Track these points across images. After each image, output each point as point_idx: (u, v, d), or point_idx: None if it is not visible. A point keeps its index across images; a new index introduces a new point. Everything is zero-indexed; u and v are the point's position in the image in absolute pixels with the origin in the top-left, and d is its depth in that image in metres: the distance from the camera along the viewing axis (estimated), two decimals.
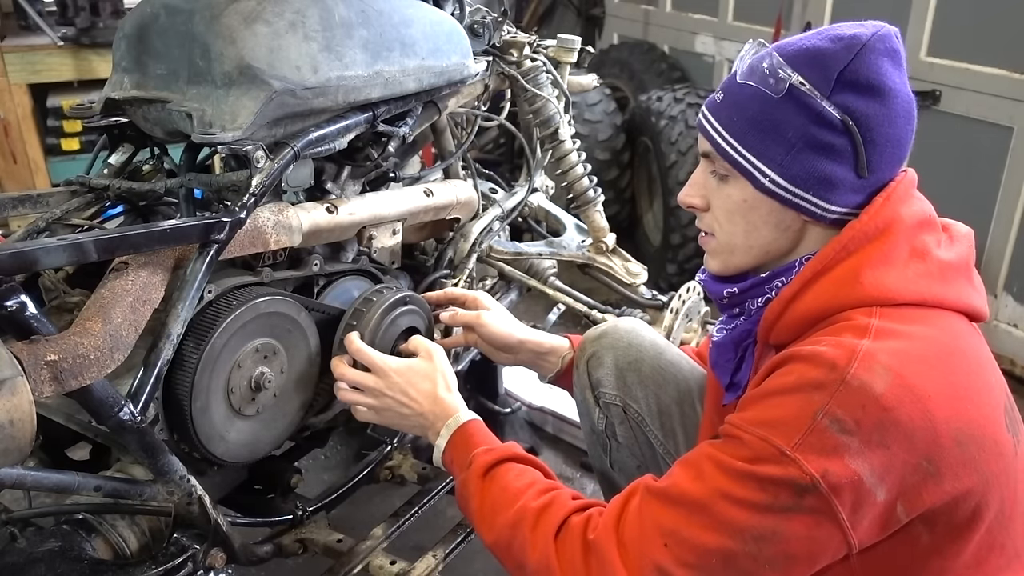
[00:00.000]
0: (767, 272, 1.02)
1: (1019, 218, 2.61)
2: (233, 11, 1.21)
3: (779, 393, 0.89)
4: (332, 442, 2.14)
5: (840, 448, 0.84)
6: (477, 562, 1.89)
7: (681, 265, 3.17)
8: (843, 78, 0.92)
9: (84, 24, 3.04)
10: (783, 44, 0.98)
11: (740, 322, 1.08)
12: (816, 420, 0.84)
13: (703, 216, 1.06)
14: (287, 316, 1.30)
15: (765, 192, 0.96)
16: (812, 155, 0.94)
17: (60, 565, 1.06)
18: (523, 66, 1.81)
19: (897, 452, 0.84)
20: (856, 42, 0.93)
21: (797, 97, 0.93)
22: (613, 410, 1.32)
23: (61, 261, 1.03)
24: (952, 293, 0.94)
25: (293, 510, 1.44)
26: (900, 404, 0.83)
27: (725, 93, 1.00)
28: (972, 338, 0.95)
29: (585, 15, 4.69)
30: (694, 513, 0.90)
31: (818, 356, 0.87)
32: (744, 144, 0.96)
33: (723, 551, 0.88)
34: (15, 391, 0.89)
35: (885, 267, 0.92)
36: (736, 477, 0.88)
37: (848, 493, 0.84)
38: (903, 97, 0.95)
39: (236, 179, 1.20)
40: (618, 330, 1.33)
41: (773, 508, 0.86)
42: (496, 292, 1.97)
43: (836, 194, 0.95)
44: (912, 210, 0.96)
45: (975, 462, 0.87)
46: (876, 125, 0.93)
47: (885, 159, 0.95)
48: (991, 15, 2.57)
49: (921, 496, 0.86)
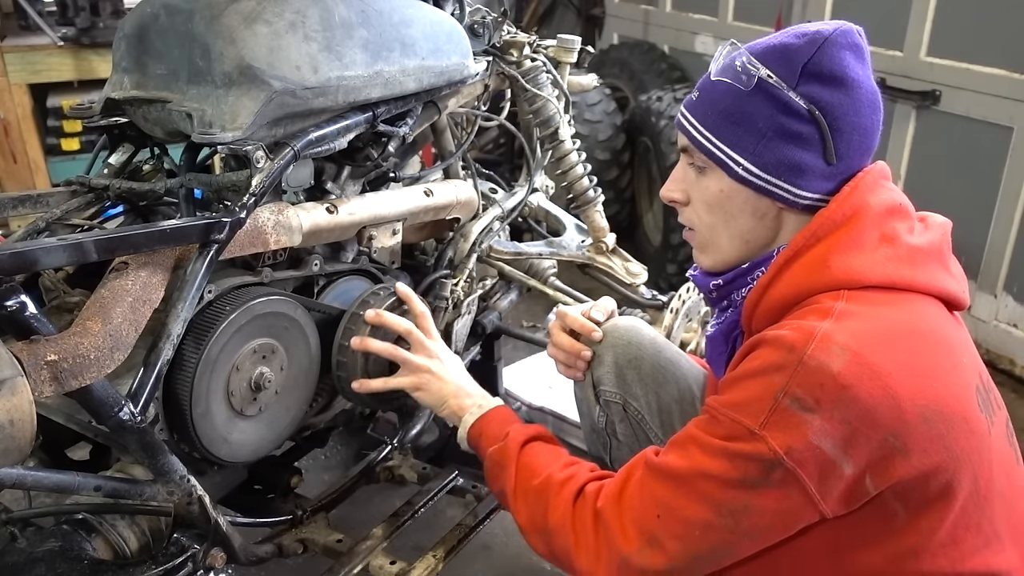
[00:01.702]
0: (749, 263, 1.07)
1: (1019, 218, 2.61)
2: (233, 11, 1.21)
3: (747, 376, 0.94)
4: (332, 442, 2.14)
5: (802, 425, 0.88)
6: (477, 562, 1.89)
7: (681, 265, 3.17)
8: (807, 70, 0.98)
9: (84, 24, 3.04)
10: (754, 43, 1.03)
11: (728, 314, 1.13)
12: (778, 400, 0.89)
13: (684, 211, 1.11)
14: (287, 316, 1.30)
15: (740, 180, 1.01)
16: (782, 143, 0.99)
17: (60, 565, 1.06)
18: (523, 66, 1.81)
19: (859, 427, 0.87)
20: (819, 36, 0.99)
21: (766, 89, 0.99)
22: (613, 408, 1.32)
23: (61, 261, 1.03)
24: (922, 276, 0.97)
25: (293, 510, 1.44)
26: (859, 381, 0.87)
27: (700, 91, 1.06)
28: (940, 319, 0.98)
29: (585, 15, 4.69)
30: (679, 487, 0.97)
31: (779, 339, 0.92)
32: (718, 136, 1.02)
33: (703, 522, 0.95)
34: (15, 391, 0.89)
35: (853, 251, 0.96)
36: (712, 454, 0.94)
37: (813, 467, 0.89)
38: (867, 88, 1.00)
39: (236, 179, 1.20)
40: (618, 328, 1.33)
41: (744, 483, 0.92)
42: (496, 292, 1.98)
43: (806, 180, 1.00)
44: (880, 198, 1.00)
45: (943, 439, 0.90)
46: (841, 114, 0.98)
47: (852, 147, 1.00)
48: (991, 15, 2.57)
49: (889, 470, 0.89)
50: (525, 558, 1.91)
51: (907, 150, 2.89)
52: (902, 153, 2.89)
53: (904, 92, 2.79)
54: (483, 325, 1.88)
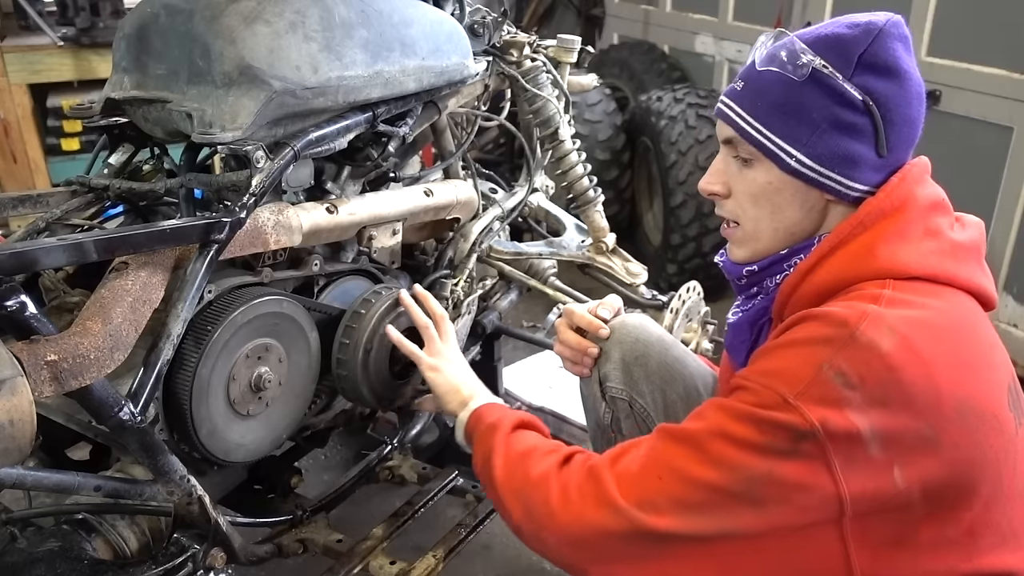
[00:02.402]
0: (787, 250, 1.06)
1: (1019, 218, 2.61)
2: (233, 11, 1.21)
3: (787, 346, 0.92)
4: (332, 442, 2.14)
5: (842, 401, 0.86)
6: (477, 562, 1.89)
7: (681, 265, 3.17)
8: (863, 60, 0.97)
9: (84, 24, 3.04)
10: (800, 33, 1.01)
11: (757, 301, 1.11)
12: (821, 371, 0.87)
13: (724, 203, 1.08)
14: (287, 316, 1.30)
15: (791, 173, 1.00)
16: (836, 135, 0.98)
17: (60, 565, 1.06)
18: (523, 66, 1.81)
19: (898, 413, 0.86)
20: (873, 27, 0.98)
21: (820, 80, 0.97)
22: (619, 405, 1.32)
23: (61, 261, 1.03)
24: (964, 272, 0.97)
25: (293, 510, 1.44)
26: (905, 365, 0.86)
27: (745, 81, 1.04)
28: (980, 317, 0.98)
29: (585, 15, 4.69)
30: (693, 449, 0.93)
31: (829, 315, 0.90)
32: (769, 127, 1.00)
33: (715, 487, 0.91)
34: (15, 391, 0.89)
35: (899, 242, 0.96)
36: (736, 417, 0.91)
37: (844, 444, 0.86)
38: (915, 80, 1.00)
39: (236, 179, 1.20)
40: (625, 325, 1.33)
41: (769, 450, 0.88)
42: (496, 292, 1.98)
43: (858, 172, 0.99)
44: (926, 192, 1.00)
45: (975, 434, 0.89)
46: (894, 105, 0.98)
47: (902, 139, 0.99)
48: (991, 15, 2.57)
49: (918, 461, 0.88)
50: (525, 558, 1.91)
51: None
52: None
53: None
54: (483, 325, 1.88)
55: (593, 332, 1.33)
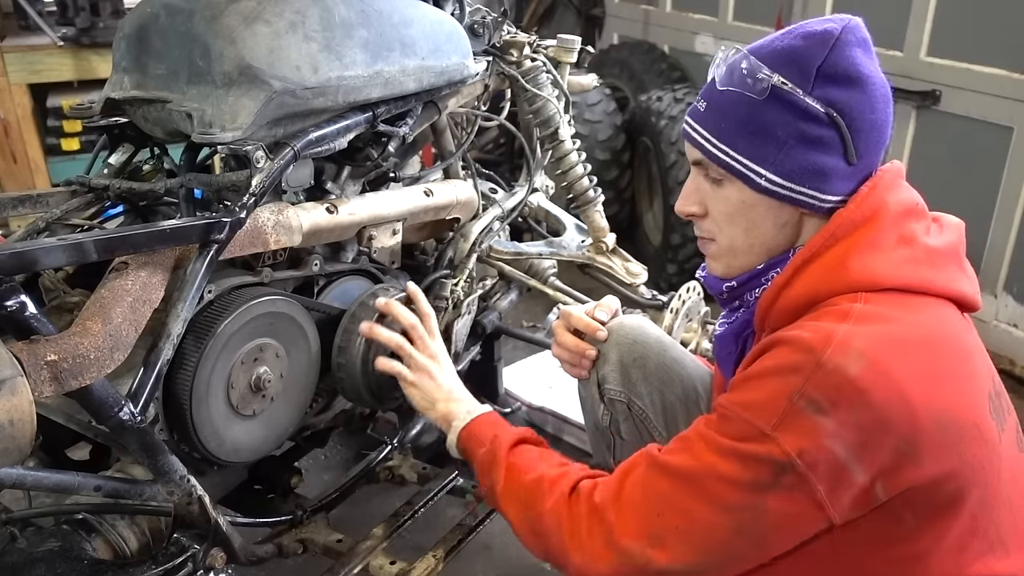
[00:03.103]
0: (764, 264, 1.05)
1: (1019, 218, 2.61)
2: (233, 11, 1.21)
3: (761, 376, 0.93)
4: (332, 442, 2.13)
5: (816, 428, 0.87)
6: (477, 562, 1.89)
7: (681, 265, 3.17)
8: (822, 72, 0.96)
9: (84, 24, 3.04)
10: (756, 47, 1.01)
11: (740, 314, 1.11)
12: (793, 401, 0.88)
13: (701, 223, 1.08)
14: (287, 316, 1.30)
15: (762, 191, 0.99)
16: (803, 150, 0.97)
17: (60, 565, 1.06)
18: (523, 66, 1.81)
19: (873, 433, 0.86)
20: (828, 36, 0.96)
21: (780, 96, 0.96)
22: (618, 406, 1.32)
23: (61, 261, 1.03)
24: (940, 279, 0.96)
25: (293, 510, 1.44)
26: (874, 387, 0.86)
27: (708, 101, 1.03)
28: (957, 324, 0.97)
29: (585, 15, 4.69)
30: (686, 485, 0.95)
31: (797, 340, 0.90)
32: (735, 148, 0.99)
33: (709, 522, 0.94)
34: (15, 391, 0.89)
35: (872, 252, 0.95)
36: (722, 454, 0.93)
37: (825, 470, 0.88)
38: (878, 83, 0.99)
39: (236, 179, 1.20)
40: (623, 327, 1.33)
41: (754, 485, 0.91)
42: (496, 292, 1.98)
43: (829, 184, 0.98)
44: (899, 198, 0.99)
45: (956, 446, 0.90)
46: (858, 113, 0.97)
47: (870, 144, 0.99)
48: (991, 15, 2.57)
49: (900, 477, 0.89)
50: (525, 558, 1.90)
51: (907, 150, 2.89)
52: (902, 153, 2.89)
53: (904, 92, 2.79)
54: (483, 325, 1.88)
55: (591, 334, 1.32)
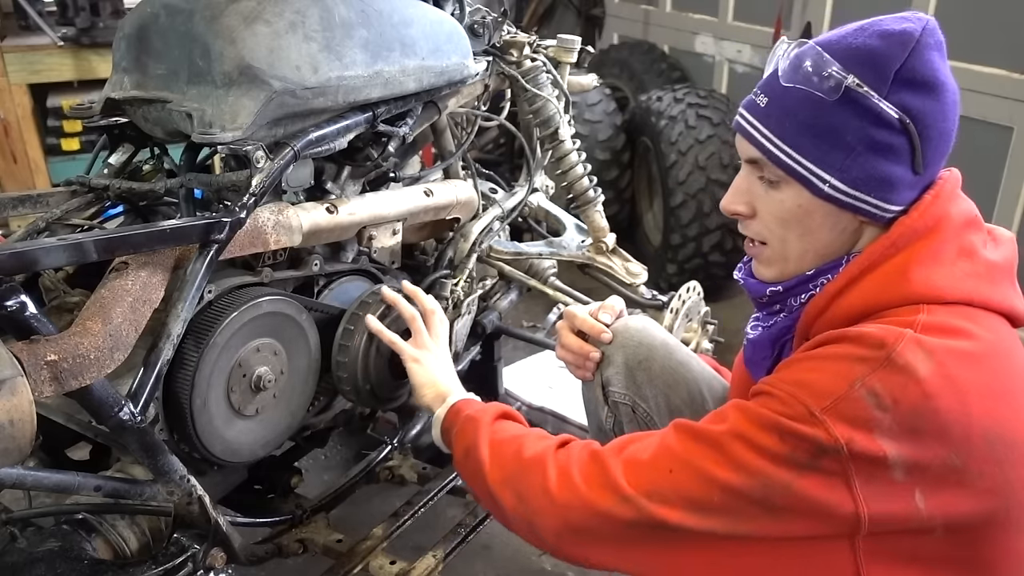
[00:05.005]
0: (814, 270, 1.01)
1: (1019, 218, 2.61)
2: (233, 11, 1.21)
3: (820, 359, 0.89)
4: (332, 442, 2.14)
5: (871, 422, 0.83)
6: (477, 562, 1.89)
7: (681, 265, 3.17)
8: (900, 76, 0.91)
9: (84, 24, 3.04)
10: (826, 41, 0.94)
11: (780, 319, 1.07)
12: (853, 388, 0.84)
13: (749, 224, 1.03)
14: (287, 316, 1.30)
15: (823, 197, 0.94)
16: (871, 157, 0.92)
17: (60, 565, 1.06)
18: (523, 66, 1.81)
19: (928, 441, 0.83)
20: (909, 38, 0.91)
21: (853, 99, 0.91)
22: (622, 409, 1.30)
23: (61, 261, 1.03)
24: (998, 294, 0.93)
25: (293, 510, 1.44)
26: (941, 393, 0.83)
27: (769, 96, 0.97)
28: (1015, 342, 0.93)
29: (585, 15, 4.69)
30: (711, 448, 0.91)
31: (865, 335, 0.87)
32: (800, 150, 0.94)
33: (729, 488, 0.89)
34: (15, 391, 0.89)
35: (933, 264, 0.92)
36: (759, 424, 0.88)
37: (867, 466, 0.84)
38: (952, 89, 0.94)
39: (236, 179, 1.20)
40: (628, 329, 1.31)
41: (790, 461, 0.86)
42: (496, 292, 1.98)
43: (895, 193, 0.94)
44: (960, 208, 0.96)
45: (1002, 464, 0.86)
46: (932, 121, 0.92)
47: (938, 153, 0.95)
48: (991, 15, 2.57)
49: (942, 489, 0.86)
50: (525, 558, 1.91)
51: None
52: None
53: None
54: (483, 325, 1.88)
55: (595, 336, 1.31)
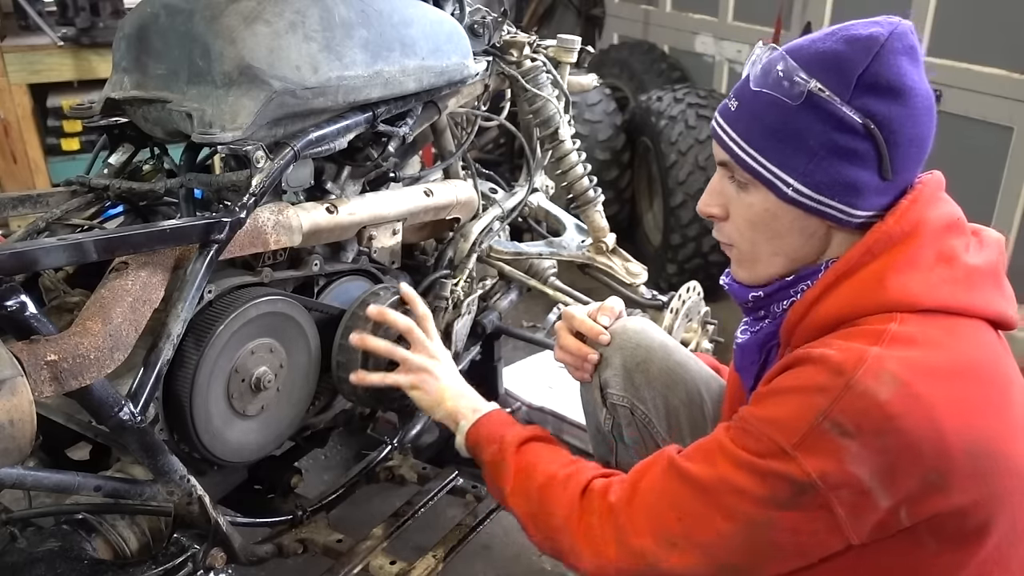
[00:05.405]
0: (793, 276, 1.01)
1: (1019, 218, 2.61)
2: (233, 11, 1.21)
3: (786, 392, 0.90)
4: (332, 442, 2.13)
5: (840, 451, 0.84)
6: (477, 562, 1.89)
7: (681, 265, 3.17)
8: (863, 81, 0.90)
9: (84, 24, 3.04)
10: (795, 47, 0.95)
11: (765, 324, 1.07)
12: (817, 423, 0.85)
13: (722, 226, 1.04)
14: (287, 316, 1.30)
15: (788, 201, 0.95)
16: (835, 162, 0.92)
17: (60, 565, 1.06)
18: (523, 66, 1.81)
19: (900, 460, 0.84)
20: (873, 43, 0.91)
21: (816, 103, 0.91)
22: (620, 411, 1.30)
23: (61, 261, 1.03)
24: (979, 300, 0.92)
25: (293, 510, 1.44)
26: (906, 412, 0.83)
27: (739, 100, 0.98)
28: (995, 349, 0.93)
29: (585, 15, 4.69)
30: (704, 495, 0.94)
31: (825, 359, 0.87)
32: (764, 154, 0.95)
33: (724, 534, 0.93)
34: (15, 391, 0.89)
35: (910, 271, 0.91)
36: (741, 468, 0.91)
37: (847, 494, 0.86)
38: (923, 94, 0.93)
39: (236, 179, 1.20)
40: (627, 330, 1.31)
41: (772, 501, 0.89)
42: (496, 292, 1.98)
43: (861, 199, 0.94)
44: (939, 212, 0.95)
45: (986, 476, 0.86)
46: (898, 127, 0.91)
47: (909, 159, 0.94)
48: (991, 15, 2.57)
49: (926, 505, 0.86)
50: (525, 558, 1.91)
51: None
52: None
53: None
54: (483, 325, 1.88)
55: (593, 338, 1.31)
